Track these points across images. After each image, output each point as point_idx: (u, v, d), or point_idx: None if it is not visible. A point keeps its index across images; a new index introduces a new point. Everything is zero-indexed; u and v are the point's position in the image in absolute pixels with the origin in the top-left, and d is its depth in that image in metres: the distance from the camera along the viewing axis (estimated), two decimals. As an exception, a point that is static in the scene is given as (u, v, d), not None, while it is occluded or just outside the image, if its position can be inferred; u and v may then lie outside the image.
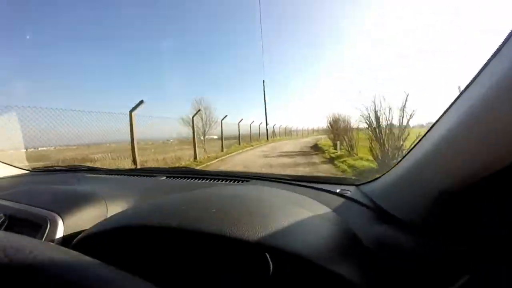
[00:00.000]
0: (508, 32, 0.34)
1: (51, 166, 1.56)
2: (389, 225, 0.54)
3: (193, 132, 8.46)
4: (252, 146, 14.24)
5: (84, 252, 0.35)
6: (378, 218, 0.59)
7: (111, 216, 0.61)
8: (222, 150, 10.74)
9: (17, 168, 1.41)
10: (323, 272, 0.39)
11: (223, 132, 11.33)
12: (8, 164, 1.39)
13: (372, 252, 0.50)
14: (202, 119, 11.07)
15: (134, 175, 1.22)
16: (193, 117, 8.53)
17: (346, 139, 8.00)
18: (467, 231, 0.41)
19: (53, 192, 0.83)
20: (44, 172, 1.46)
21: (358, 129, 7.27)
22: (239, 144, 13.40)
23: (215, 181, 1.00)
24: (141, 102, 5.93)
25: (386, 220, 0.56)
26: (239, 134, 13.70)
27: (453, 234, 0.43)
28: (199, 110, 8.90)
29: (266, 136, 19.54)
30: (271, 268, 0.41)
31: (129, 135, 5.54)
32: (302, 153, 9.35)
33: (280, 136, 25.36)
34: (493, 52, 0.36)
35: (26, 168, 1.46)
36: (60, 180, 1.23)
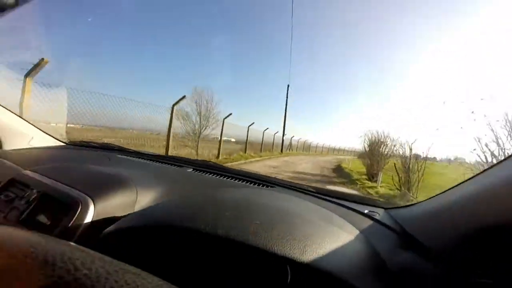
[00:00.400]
0: None
1: (86, 142, 1.60)
2: (416, 252, 0.55)
3: (170, 125, 6.55)
4: (260, 157, 11.66)
5: (113, 245, 0.49)
6: (405, 244, 0.60)
7: (142, 211, 0.63)
8: (217, 157, 8.52)
9: (55, 140, 1.47)
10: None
11: (229, 134, 9.85)
12: (48, 134, 1.44)
13: (396, 276, 0.50)
14: (199, 113, 8.87)
15: (163, 162, 1.23)
16: (173, 106, 6.41)
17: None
18: (495, 273, 0.42)
19: (87, 172, 0.84)
20: (78, 147, 1.50)
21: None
22: (245, 152, 10.91)
23: (240, 181, 1.01)
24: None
25: (413, 247, 0.57)
26: (246, 140, 11.24)
27: (481, 273, 0.44)
28: (183, 97, 6.43)
29: (280, 147, 16.91)
30: (289, 279, 0.41)
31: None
32: (323, 178, 7.11)
33: (297, 150, 22.35)
34: None
35: (64, 141, 1.52)
36: (93, 157, 1.27)
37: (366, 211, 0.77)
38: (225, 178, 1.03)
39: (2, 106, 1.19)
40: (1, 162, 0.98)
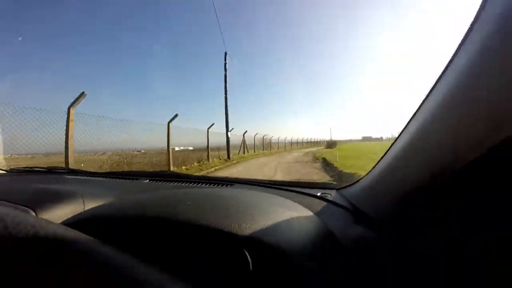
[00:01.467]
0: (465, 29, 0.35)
1: (30, 167, 1.50)
2: (366, 225, 0.58)
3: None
4: (187, 170, 7.40)
5: None
6: (356, 219, 0.63)
7: (86, 210, 0.61)
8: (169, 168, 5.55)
9: None
10: (298, 267, 0.40)
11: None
12: None
13: (349, 251, 0.52)
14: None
15: (116, 178, 1.18)
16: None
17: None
18: (433, 229, 0.44)
19: (29, 189, 0.81)
20: (23, 172, 1.42)
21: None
22: (208, 159, 6.89)
23: (199, 185, 1.00)
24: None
25: (363, 221, 0.60)
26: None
27: (420, 231, 0.46)
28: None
29: (233, 150, 12.70)
30: (251, 265, 0.40)
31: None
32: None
33: (255, 151, 17.82)
34: (454, 51, 0.37)
35: (4, 169, 1.45)
36: (39, 180, 1.20)
37: (319, 194, 0.81)
38: (183, 184, 1.02)
39: None
40: None
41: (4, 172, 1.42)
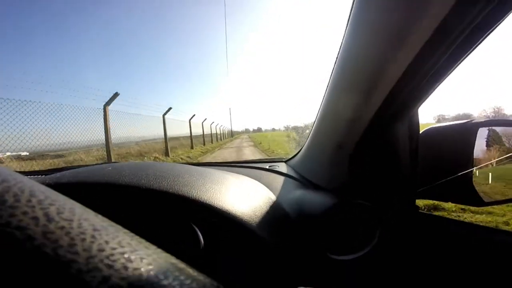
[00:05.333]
0: None
1: None
2: (307, 189, 0.65)
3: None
4: None
5: None
6: (301, 184, 0.70)
7: (50, 176, 0.56)
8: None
9: None
10: (246, 231, 0.41)
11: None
12: None
13: (290, 213, 0.55)
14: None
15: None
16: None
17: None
18: (368, 191, 0.55)
19: None
20: None
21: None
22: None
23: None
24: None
25: (305, 185, 0.68)
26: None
27: (351, 190, 0.56)
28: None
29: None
30: (202, 241, 0.40)
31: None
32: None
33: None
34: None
35: None
36: None
37: (267, 166, 0.86)
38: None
39: None
40: None
41: None
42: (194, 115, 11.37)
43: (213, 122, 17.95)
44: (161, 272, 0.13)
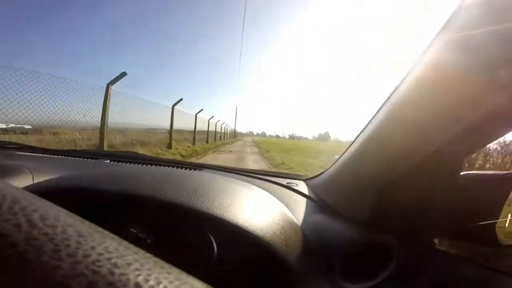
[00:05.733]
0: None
1: None
2: (326, 213, 0.62)
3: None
4: None
5: None
6: (318, 208, 0.66)
7: (38, 182, 0.58)
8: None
9: None
10: (260, 247, 0.41)
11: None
12: None
13: (309, 237, 0.53)
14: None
15: (74, 156, 1.07)
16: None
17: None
18: (391, 227, 0.50)
19: None
20: None
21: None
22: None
23: (165, 167, 0.95)
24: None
25: (324, 209, 0.64)
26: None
27: (382, 228, 0.50)
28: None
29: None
30: (214, 244, 0.40)
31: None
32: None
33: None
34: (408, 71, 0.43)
35: None
36: None
37: (285, 183, 0.81)
38: (148, 166, 0.94)
39: None
40: None
41: None
42: (201, 109, 10.78)
43: (219, 120, 17.35)
44: (149, 277, 0.13)
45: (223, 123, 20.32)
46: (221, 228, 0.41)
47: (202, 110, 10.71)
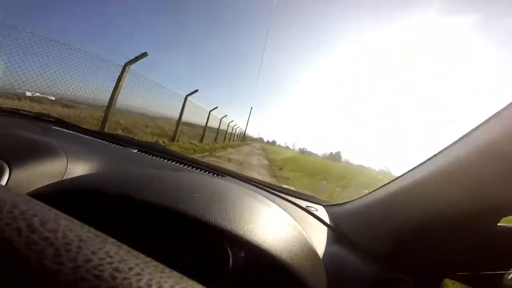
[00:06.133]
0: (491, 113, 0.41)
1: (15, 109, 1.21)
2: (345, 246, 0.61)
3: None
4: None
5: None
6: (337, 238, 0.66)
7: (69, 178, 0.58)
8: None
9: None
10: (277, 268, 0.41)
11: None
12: None
13: (327, 266, 0.54)
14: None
15: (104, 140, 1.09)
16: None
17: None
18: (409, 264, 0.51)
19: (6, 136, 0.68)
20: (7, 113, 1.16)
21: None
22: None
23: (189, 167, 0.97)
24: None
25: (343, 241, 0.64)
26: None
27: (398, 265, 0.52)
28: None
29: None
30: (231, 259, 0.40)
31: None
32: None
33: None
34: (474, 127, 0.43)
35: None
36: (23, 126, 1.03)
37: (305, 206, 0.81)
38: (173, 163, 0.97)
39: None
40: None
41: None
42: (216, 107, 10.47)
43: (232, 121, 17.06)
44: (150, 282, 0.13)
45: (235, 124, 19.99)
46: (240, 245, 0.41)
47: (217, 107, 10.41)
